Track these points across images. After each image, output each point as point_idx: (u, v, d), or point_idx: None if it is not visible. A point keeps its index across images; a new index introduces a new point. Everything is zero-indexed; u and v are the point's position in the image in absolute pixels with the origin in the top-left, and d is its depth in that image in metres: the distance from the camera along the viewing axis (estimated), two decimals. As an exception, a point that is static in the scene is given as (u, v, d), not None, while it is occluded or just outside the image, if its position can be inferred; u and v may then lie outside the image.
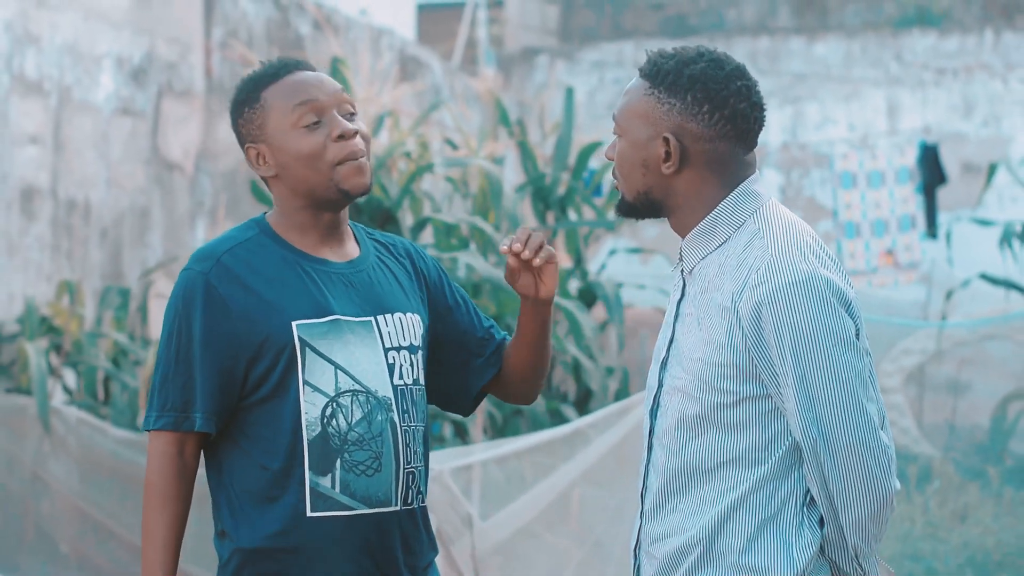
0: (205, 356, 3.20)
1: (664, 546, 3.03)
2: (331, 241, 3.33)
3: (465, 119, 10.84)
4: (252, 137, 3.31)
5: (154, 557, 3.21)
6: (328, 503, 3.22)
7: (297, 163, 3.26)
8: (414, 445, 3.31)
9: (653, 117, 3.01)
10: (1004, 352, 11.00)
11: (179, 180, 11.44)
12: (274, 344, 3.20)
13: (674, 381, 3.01)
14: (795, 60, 18.20)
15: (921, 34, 17.95)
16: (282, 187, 3.30)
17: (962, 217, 13.33)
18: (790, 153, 17.92)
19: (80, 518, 8.37)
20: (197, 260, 3.26)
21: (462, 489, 5.98)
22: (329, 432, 3.21)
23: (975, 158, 17.13)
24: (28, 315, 8.94)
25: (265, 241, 3.30)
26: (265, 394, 3.22)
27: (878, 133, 17.70)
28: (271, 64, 3.35)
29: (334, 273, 3.29)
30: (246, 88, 3.33)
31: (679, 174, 3.01)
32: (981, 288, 11.70)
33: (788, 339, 2.88)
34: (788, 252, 2.93)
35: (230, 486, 3.26)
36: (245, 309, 3.21)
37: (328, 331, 3.23)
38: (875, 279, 13.27)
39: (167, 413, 3.22)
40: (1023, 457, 10.25)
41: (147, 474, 3.23)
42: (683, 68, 3.00)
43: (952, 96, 17.68)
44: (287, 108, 3.26)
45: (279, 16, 12.72)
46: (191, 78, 11.59)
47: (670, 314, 3.10)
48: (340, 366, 3.23)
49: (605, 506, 6.42)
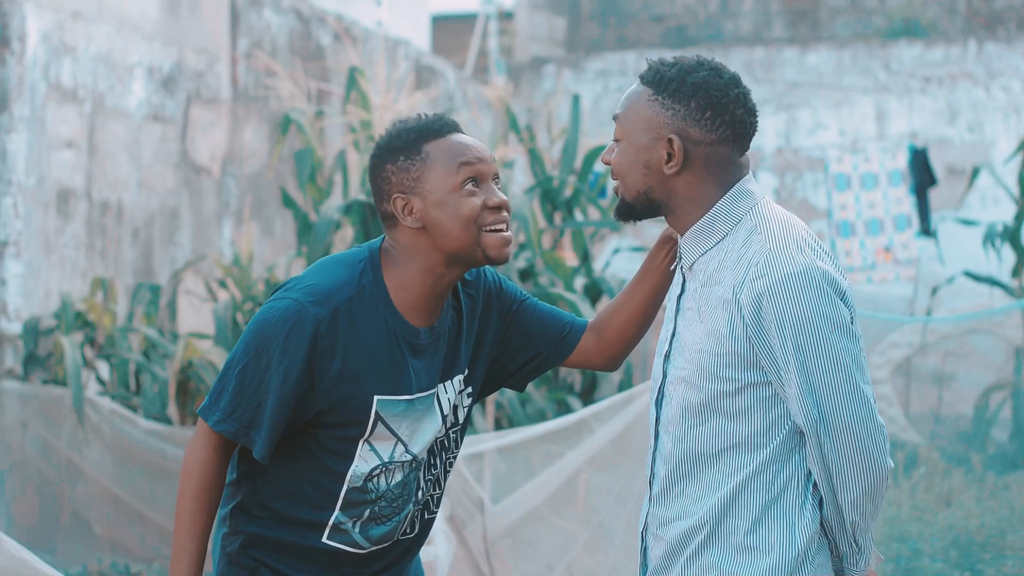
0: (284, 394, 3.10)
1: (672, 529, 3.03)
2: (434, 308, 3.22)
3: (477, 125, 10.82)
4: (404, 188, 3.16)
5: (187, 544, 3.16)
6: (344, 539, 3.23)
7: (452, 222, 3.14)
8: (429, 487, 3.31)
9: (657, 121, 3.00)
10: (986, 345, 11.00)
11: (207, 183, 11.44)
12: (353, 409, 3.14)
13: (678, 372, 3.01)
14: (789, 69, 18.17)
15: (908, 45, 17.92)
16: (422, 241, 3.17)
17: (947, 217, 13.31)
18: (784, 157, 17.89)
19: (112, 502, 8.37)
20: (314, 301, 3.12)
21: (474, 475, 5.98)
22: (368, 488, 3.20)
23: (959, 162, 17.10)
24: (64, 310, 8.94)
25: (376, 298, 3.16)
26: (326, 436, 3.17)
27: (867, 138, 17.67)
28: (432, 119, 3.23)
29: (420, 344, 3.20)
30: (405, 137, 3.19)
31: (679, 175, 3.01)
32: (965, 285, 11.69)
33: (789, 327, 2.88)
34: (785, 245, 2.93)
35: (262, 490, 3.24)
36: (339, 370, 3.12)
37: (403, 410, 3.18)
38: (875, 275, 13.28)
39: (232, 420, 3.14)
40: (1005, 444, 10.24)
41: (190, 462, 3.16)
42: (686, 76, 3.00)
43: (937, 103, 17.64)
44: (453, 169, 3.15)
45: (301, 28, 12.71)
46: (218, 86, 11.58)
47: (671, 309, 3.09)
48: (402, 440, 3.20)
49: (609, 490, 6.41)
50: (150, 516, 8.15)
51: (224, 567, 3.27)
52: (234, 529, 3.26)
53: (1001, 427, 10.52)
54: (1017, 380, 10.27)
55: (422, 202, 3.15)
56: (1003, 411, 10.46)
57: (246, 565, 3.24)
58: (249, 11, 12.00)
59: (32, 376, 8.92)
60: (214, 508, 3.19)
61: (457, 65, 17.87)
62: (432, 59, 15.72)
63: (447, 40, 21.34)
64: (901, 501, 8.31)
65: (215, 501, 3.18)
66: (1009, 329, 10.46)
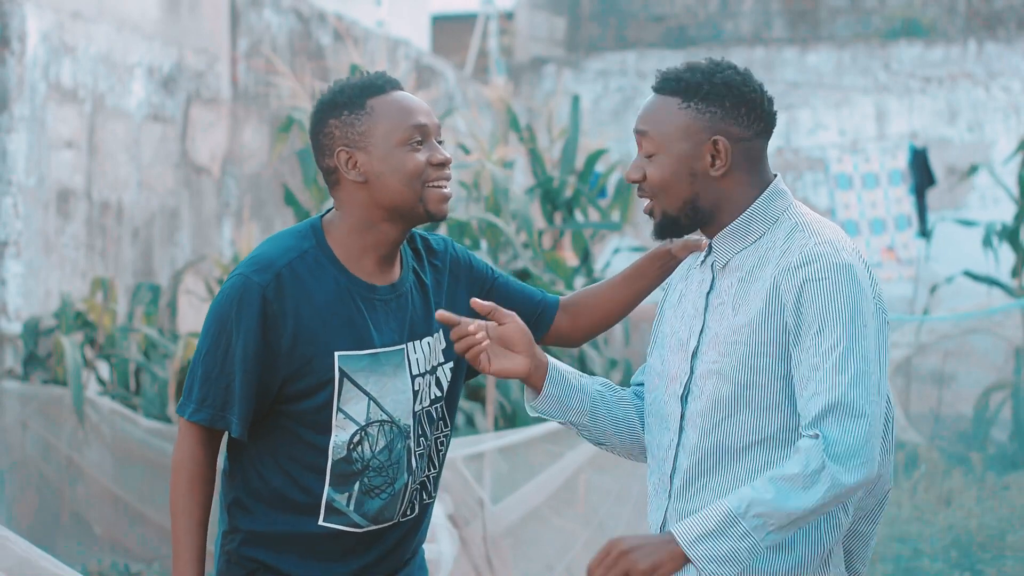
0: (247, 367, 3.14)
1: None
2: (384, 264, 3.25)
3: (477, 125, 10.81)
4: (349, 141, 3.20)
5: (185, 539, 3.17)
6: (340, 518, 3.22)
7: (395, 177, 3.17)
8: (423, 463, 3.31)
9: (696, 127, 3.00)
10: (986, 345, 10.99)
11: (207, 183, 11.44)
12: (315, 370, 3.16)
13: (710, 366, 2.99)
14: (789, 69, 18.18)
15: (908, 45, 17.93)
16: (364, 195, 3.21)
17: (946, 217, 13.32)
18: (784, 157, 17.90)
19: (112, 502, 8.37)
20: (256, 270, 3.17)
21: (474, 475, 5.98)
22: (353, 457, 3.20)
23: (959, 162, 17.11)
24: (64, 310, 8.94)
25: (321, 259, 3.21)
26: (299, 410, 3.19)
27: (867, 138, 17.68)
28: (374, 76, 3.27)
29: (378, 300, 3.23)
30: (348, 93, 3.23)
31: (726, 176, 3.02)
32: (964, 284, 11.69)
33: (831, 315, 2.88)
34: (829, 242, 2.94)
35: (252, 479, 3.25)
36: (294, 331, 3.15)
37: (367, 364, 3.19)
38: (881, 274, 13.29)
39: (206, 408, 3.17)
40: (1004, 444, 10.24)
41: (176, 459, 3.19)
42: (712, 77, 3.02)
43: (937, 103, 17.65)
44: (397, 124, 3.19)
45: (301, 28, 12.71)
46: (218, 86, 11.58)
47: (697, 306, 3.07)
48: (373, 397, 3.21)
49: (609, 490, 6.42)
50: (150, 516, 8.15)
51: (224, 566, 3.28)
52: (232, 527, 3.27)
53: (1001, 427, 10.52)
54: (1017, 380, 10.27)
55: (367, 156, 3.19)
56: (1003, 411, 10.45)
57: (246, 566, 3.24)
58: (249, 11, 12.00)
59: (32, 376, 8.92)
60: (207, 501, 3.20)
61: (457, 65, 17.88)
62: (432, 59, 15.72)
63: (447, 40, 21.34)
64: (901, 501, 8.31)
65: (207, 494, 3.20)
66: (1009, 329, 10.46)
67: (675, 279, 3.23)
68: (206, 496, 3.20)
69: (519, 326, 3.11)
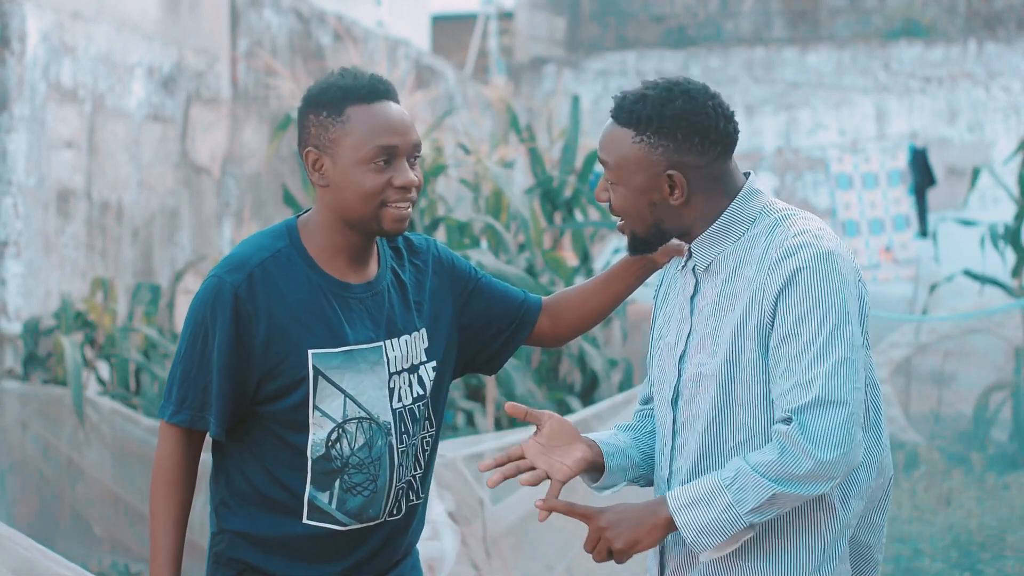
0: (223, 367, 3.15)
1: None
2: (357, 263, 3.25)
3: (477, 125, 10.81)
4: (319, 144, 3.18)
5: (162, 539, 3.19)
6: (324, 517, 3.22)
7: (352, 192, 3.16)
8: (408, 462, 3.30)
9: (649, 161, 2.98)
10: (986, 345, 11.01)
11: (207, 183, 11.44)
12: (289, 369, 3.16)
13: (697, 368, 2.99)
14: (789, 69, 18.18)
15: (908, 45, 17.93)
16: (328, 197, 3.20)
17: (946, 217, 13.32)
18: (784, 157, 17.90)
19: (112, 502, 8.37)
20: (228, 270, 3.17)
21: (474, 475, 5.97)
22: (332, 455, 3.20)
23: (959, 162, 17.11)
24: (64, 310, 8.94)
25: (294, 258, 3.21)
26: (276, 410, 3.19)
27: (867, 138, 17.68)
28: (366, 80, 3.21)
29: (353, 298, 3.23)
30: (332, 93, 3.19)
31: (687, 202, 3.00)
32: (964, 284, 11.69)
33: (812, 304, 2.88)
34: (808, 231, 2.94)
35: (236, 480, 3.25)
36: (267, 330, 3.15)
37: (342, 361, 3.19)
38: (879, 274, 13.30)
39: (185, 410, 3.18)
40: (1004, 444, 10.25)
41: (156, 459, 3.21)
42: (662, 109, 2.97)
43: (937, 103, 17.65)
44: (366, 141, 3.15)
45: (301, 28, 12.71)
46: (218, 86, 11.58)
47: (683, 310, 3.08)
48: (349, 394, 3.20)
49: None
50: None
51: (213, 567, 3.30)
52: (220, 528, 3.28)
53: (1001, 427, 10.53)
54: (1017, 380, 10.28)
55: (332, 163, 3.18)
56: (1003, 411, 10.47)
57: (233, 567, 3.25)
58: (249, 11, 12.00)
59: (32, 376, 8.92)
60: (186, 501, 3.21)
61: (457, 65, 17.88)
62: (432, 59, 15.72)
63: (447, 40, 21.36)
64: (901, 501, 8.31)
65: (186, 494, 3.21)
66: (1009, 329, 10.47)
67: (664, 283, 3.24)
68: (185, 496, 3.21)
69: (559, 419, 3.12)
